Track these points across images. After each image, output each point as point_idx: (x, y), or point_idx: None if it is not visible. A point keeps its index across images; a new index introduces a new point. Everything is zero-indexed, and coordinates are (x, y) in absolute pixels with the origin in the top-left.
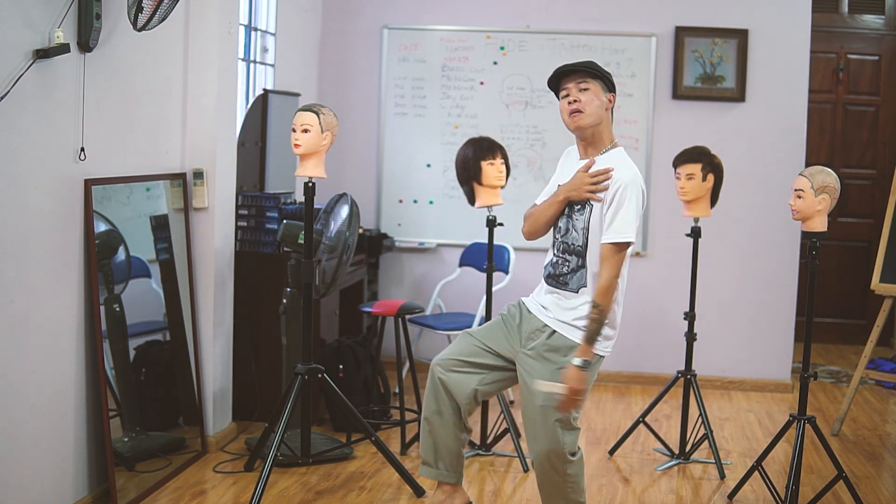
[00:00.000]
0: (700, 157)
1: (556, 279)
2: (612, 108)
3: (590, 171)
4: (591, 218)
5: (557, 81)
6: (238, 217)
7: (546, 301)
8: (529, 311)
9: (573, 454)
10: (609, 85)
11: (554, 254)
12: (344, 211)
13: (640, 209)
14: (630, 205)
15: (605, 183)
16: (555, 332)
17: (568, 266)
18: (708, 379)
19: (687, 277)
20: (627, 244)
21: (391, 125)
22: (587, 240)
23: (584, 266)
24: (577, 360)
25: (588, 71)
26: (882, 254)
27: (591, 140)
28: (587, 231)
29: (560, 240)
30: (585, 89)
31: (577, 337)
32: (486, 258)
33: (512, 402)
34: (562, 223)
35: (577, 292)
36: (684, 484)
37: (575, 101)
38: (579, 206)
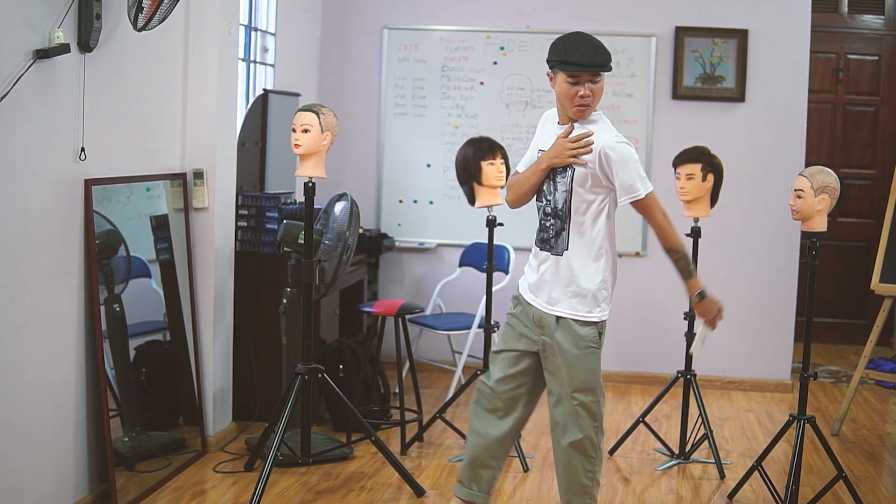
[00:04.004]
0: (700, 157)
1: (545, 243)
2: None
3: (570, 136)
4: (574, 181)
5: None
6: (238, 217)
7: (536, 287)
8: (528, 302)
9: (600, 441)
10: None
11: (540, 218)
12: (344, 211)
13: (636, 159)
14: (626, 163)
15: (585, 144)
16: (559, 318)
17: (553, 229)
18: (708, 379)
19: None
20: (649, 194)
21: (391, 125)
22: (570, 202)
23: (565, 228)
24: (695, 297)
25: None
26: (882, 254)
27: None
28: (569, 193)
29: (544, 204)
30: (598, 82)
31: (577, 311)
32: (486, 258)
33: None
34: (545, 187)
35: (562, 255)
36: (684, 484)
37: (587, 95)
38: (561, 170)
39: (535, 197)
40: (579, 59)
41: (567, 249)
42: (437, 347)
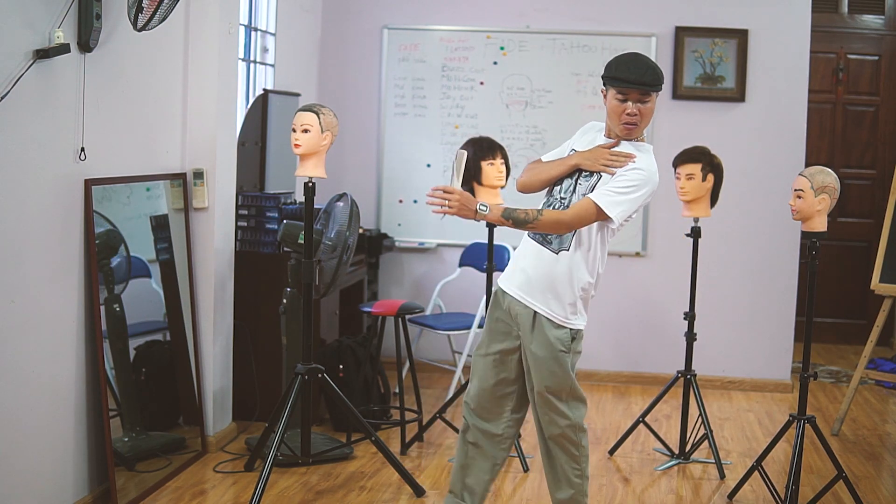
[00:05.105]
0: (700, 157)
1: (543, 235)
2: None
3: (612, 149)
4: (596, 188)
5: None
6: (238, 217)
7: (519, 279)
8: (506, 294)
9: (584, 425)
10: None
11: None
12: (344, 211)
13: (642, 201)
14: (639, 192)
15: (624, 162)
16: (536, 313)
17: None
18: (708, 379)
19: (687, 277)
20: (607, 217)
21: (391, 125)
22: None
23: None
24: (482, 205)
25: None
26: (882, 254)
27: None
28: None
29: (558, 198)
30: (647, 102)
31: (555, 313)
32: (486, 258)
33: None
34: (564, 183)
35: (558, 253)
36: (684, 484)
37: (634, 114)
38: (588, 174)
39: (548, 191)
40: (627, 76)
41: (567, 250)
42: (437, 347)
